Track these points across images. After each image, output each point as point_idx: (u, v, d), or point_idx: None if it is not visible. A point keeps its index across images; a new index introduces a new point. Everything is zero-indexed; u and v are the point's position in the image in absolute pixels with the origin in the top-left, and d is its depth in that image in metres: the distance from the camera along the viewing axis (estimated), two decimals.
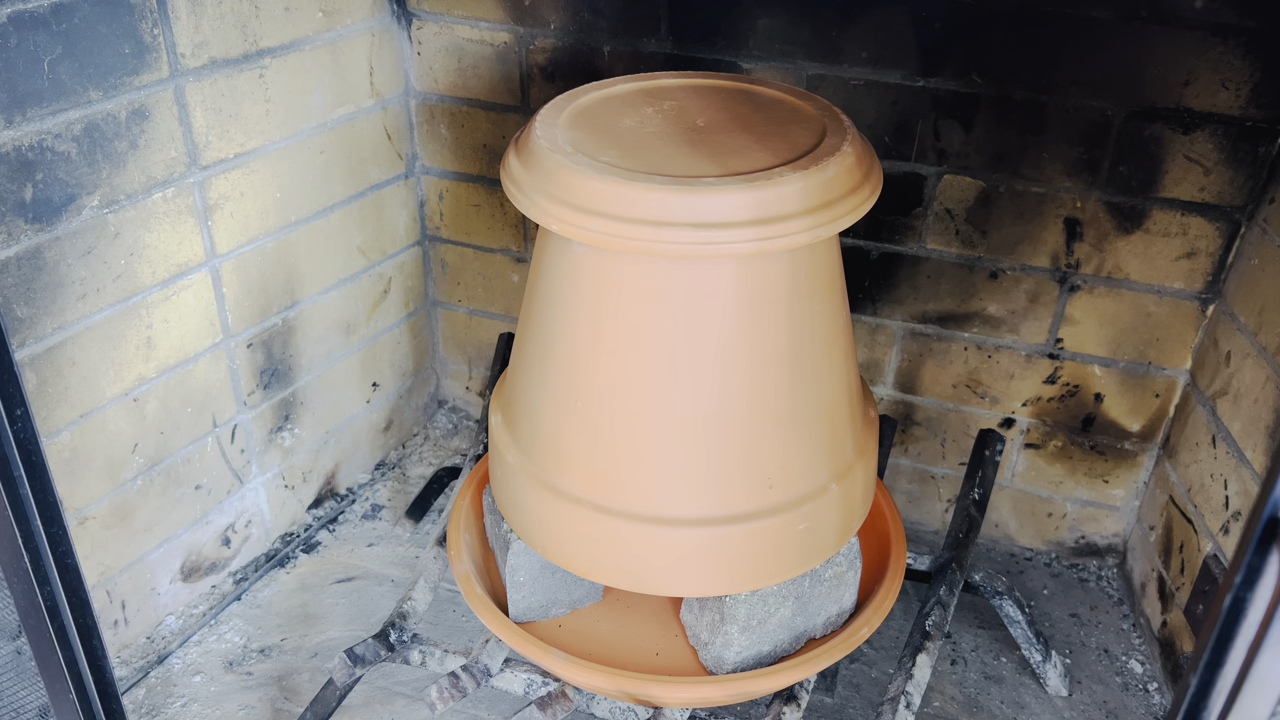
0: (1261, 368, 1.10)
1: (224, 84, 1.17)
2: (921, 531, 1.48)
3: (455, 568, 1.07)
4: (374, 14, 1.36)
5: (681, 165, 0.82)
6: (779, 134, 0.88)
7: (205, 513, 1.30)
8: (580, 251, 0.84)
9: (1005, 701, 1.23)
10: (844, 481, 0.94)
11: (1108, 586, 1.40)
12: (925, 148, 1.23)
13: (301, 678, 1.24)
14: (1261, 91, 1.08)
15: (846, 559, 1.01)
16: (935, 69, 1.18)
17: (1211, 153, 1.12)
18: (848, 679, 1.25)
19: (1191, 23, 1.07)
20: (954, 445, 1.41)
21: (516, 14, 1.33)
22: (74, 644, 0.79)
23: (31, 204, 1.00)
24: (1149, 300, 1.23)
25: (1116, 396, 1.30)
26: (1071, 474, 1.37)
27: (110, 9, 1.02)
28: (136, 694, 1.21)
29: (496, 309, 1.58)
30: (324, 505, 1.50)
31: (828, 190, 0.80)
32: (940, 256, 1.29)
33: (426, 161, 1.50)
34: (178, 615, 1.30)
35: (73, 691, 0.81)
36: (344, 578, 1.40)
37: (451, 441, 1.66)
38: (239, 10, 1.16)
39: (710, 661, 0.99)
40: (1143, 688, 1.25)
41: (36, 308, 1.03)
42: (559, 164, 0.81)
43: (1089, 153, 1.17)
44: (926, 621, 1.06)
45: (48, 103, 0.99)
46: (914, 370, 1.37)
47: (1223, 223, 1.16)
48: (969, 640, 1.31)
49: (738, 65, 1.26)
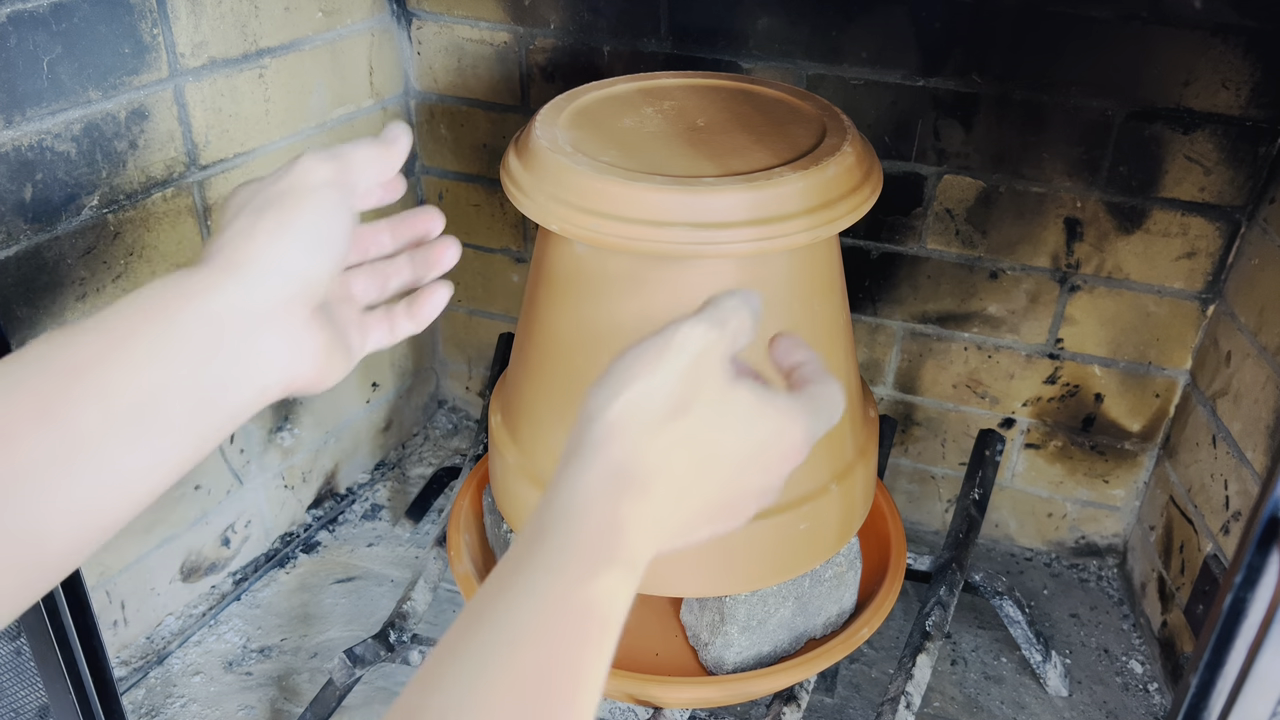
0: (1262, 368, 1.10)
1: (223, 84, 1.17)
2: (921, 531, 1.48)
3: (455, 568, 1.07)
4: (374, 14, 1.36)
5: (681, 165, 0.82)
6: (779, 134, 0.88)
7: (205, 513, 1.30)
8: (580, 251, 0.84)
9: (1005, 702, 1.23)
10: (844, 482, 0.94)
11: (1108, 587, 1.40)
12: (925, 147, 1.23)
13: (301, 678, 1.24)
14: (1262, 91, 1.07)
15: (847, 559, 1.01)
16: (935, 69, 1.18)
17: (1212, 152, 1.12)
18: (848, 679, 1.25)
19: (1192, 23, 1.07)
20: (954, 445, 1.41)
21: (516, 14, 1.33)
22: (73, 644, 0.79)
23: (31, 204, 1.00)
24: (1149, 300, 1.23)
25: (1117, 396, 1.30)
26: (1072, 474, 1.37)
27: (110, 9, 1.02)
28: (136, 694, 1.21)
29: (496, 309, 1.58)
30: (324, 505, 1.50)
31: (828, 190, 0.80)
32: (940, 256, 1.28)
33: (426, 161, 1.49)
34: (177, 615, 1.30)
35: (72, 692, 0.81)
36: (344, 578, 1.40)
37: (451, 441, 1.66)
38: (238, 10, 1.16)
39: (710, 662, 0.99)
40: (1143, 688, 1.25)
41: (36, 308, 1.03)
42: (559, 164, 0.81)
43: (1089, 153, 1.17)
44: (927, 622, 1.06)
45: (47, 103, 0.99)
46: (914, 370, 1.37)
47: (1223, 222, 1.16)
48: (969, 640, 1.31)
49: (738, 65, 1.26)
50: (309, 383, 0.53)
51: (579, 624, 0.42)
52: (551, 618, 0.41)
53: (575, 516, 0.45)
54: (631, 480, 0.46)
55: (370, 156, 0.56)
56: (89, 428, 0.43)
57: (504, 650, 0.40)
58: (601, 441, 0.47)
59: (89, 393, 0.43)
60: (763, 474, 0.50)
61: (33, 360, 0.44)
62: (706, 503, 0.48)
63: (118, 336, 0.45)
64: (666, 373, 0.48)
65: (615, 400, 0.48)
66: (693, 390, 0.48)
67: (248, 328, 0.48)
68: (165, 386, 0.45)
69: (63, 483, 0.43)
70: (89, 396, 0.43)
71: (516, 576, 0.43)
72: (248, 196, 0.52)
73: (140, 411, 0.45)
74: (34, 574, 0.43)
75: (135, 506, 0.46)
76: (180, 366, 0.46)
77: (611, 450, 0.47)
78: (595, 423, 0.48)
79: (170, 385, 0.46)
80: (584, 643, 0.42)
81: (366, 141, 0.57)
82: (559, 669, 0.41)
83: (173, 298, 0.47)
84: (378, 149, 0.57)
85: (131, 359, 0.45)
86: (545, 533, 0.44)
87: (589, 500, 0.45)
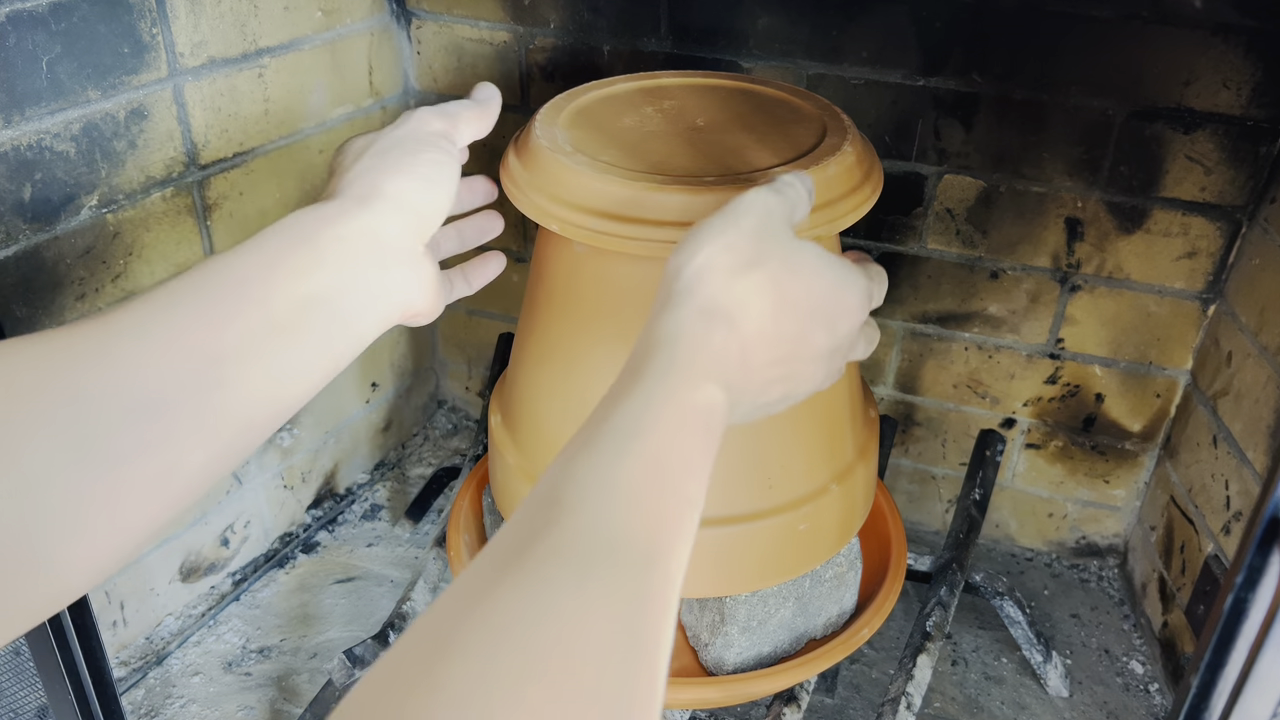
0: (1262, 368, 1.09)
1: (223, 83, 1.17)
2: (922, 532, 1.48)
3: (455, 568, 1.06)
4: (373, 13, 1.36)
5: (682, 164, 0.81)
6: (779, 133, 0.87)
7: (204, 513, 1.30)
8: (580, 251, 0.84)
9: (1006, 702, 1.23)
10: (845, 482, 0.94)
11: (1108, 587, 1.40)
12: (926, 147, 1.23)
13: (300, 678, 1.24)
14: (1262, 91, 1.07)
15: (847, 560, 1.01)
16: (936, 68, 1.18)
17: (1212, 152, 1.12)
18: (848, 680, 1.24)
19: (1192, 22, 1.06)
20: (954, 445, 1.41)
21: (516, 13, 1.33)
22: (73, 645, 0.79)
23: (30, 203, 1.00)
24: (1150, 300, 1.22)
25: (1117, 397, 1.30)
26: (1072, 474, 1.37)
27: (109, 8, 1.02)
28: (135, 695, 1.21)
29: (496, 309, 1.58)
30: (323, 505, 1.50)
31: (828, 190, 0.80)
32: (941, 256, 1.28)
33: None
34: (176, 616, 1.30)
35: (71, 692, 0.81)
36: (343, 578, 1.40)
37: (451, 442, 1.66)
38: (238, 10, 1.16)
39: (710, 662, 0.99)
40: (1144, 688, 1.25)
41: (35, 308, 1.03)
42: (559, 163, 0.81)
43: (1090, 152, 1.16)
44: (927, 622, 1.06)
45: (46, 102, 0.99)
46: (914, 370, 1.37)
47: (1224, 222, 1.15)
48: (970, 641, 1.31)
49: (738, 64, 1.26)
50: (420, 311, 0.60)
51: (687, 422, 0.48)
52: (664, 415, 0.47)
53: (676, 344, 0.50)
54: (722, 315, 0.51)
55: (472, 115, 0.66)
56: (255, 331, 0.48)
57: (627, 440, 0.45)
58: (689, 288, 0.52)
59: (253, 301, 0.49)
60: (829, 329, 0.56)
61: (208, 272, 0.49)
62: (784, 346, 0.54)
63: (271, 256, 0.51)
64: (739, 230, 0.54)
65: (697, 254, 0.53)
66: (765, 244, 0.54)
67: (376, 254, 0.54)
68: (312, 301, 0.51)
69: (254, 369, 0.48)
70: (253, 304, 0.49)
71: (631, 388, 0.48)
72: (365, 144, 0.59)
73: (293, 322, 0.50)
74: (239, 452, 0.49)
75: (274, 420, 0.51)
76: (322, 283, 0.52)
77: (700, 293, 0.52)
78: (682, 274, 0.53)
79: (315, 300, 0.51)
80: (692, 437, 0.48)
81: (468, 101, 0.66)
82: (674, 457, 0.46)
83: (311, 222, 0.53)
84: (477, 108, 0.66)
85: (284, 275, 0.50)
86: (651, 356, 0.50)
87: (685, 332, 0.51)
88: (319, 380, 0.52)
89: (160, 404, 0.44)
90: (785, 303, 0.53)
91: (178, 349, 0.46)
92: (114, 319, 0.46)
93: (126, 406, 0.43)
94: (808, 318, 0.55)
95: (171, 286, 0.48)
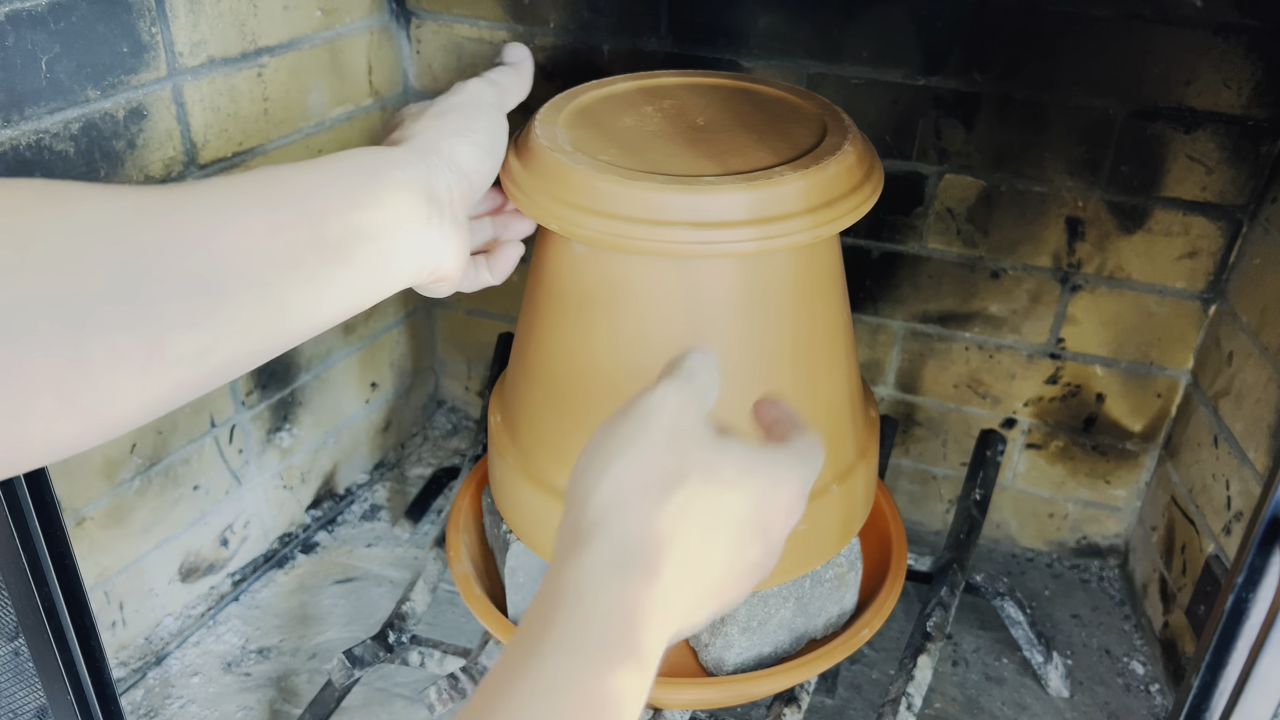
0: (1263, 368, 1.09)
1: (222, 83, 1.16)
2: (922, 532, 1.48)
3: (454, 568, 1.06)
4: (373, 13, 1.36)
5: (682, 164, 0.81)
6: (780, 133, 0.87)
7: (203, 513, 1.30)
8: (580, 251, 0.84)
9: (1006, 703, 1.23)
10: (845, 482, 0.94)
11: (1109, 587, 1.40)
12: (926, 147, 1.22)
13: (300, 679, 1.24)
14: (1263, 91, 1.07)
15: (847, 560, 1.01)
16: (936, 68, 1.18)
17: (1213, 152, 1.12)
18: (848, 680, 1.24)
19: (1193, 22, 1.06)
20: (955, 445, 1.41)
21: (515, 12, 1.33)
22: (72, 645, 0.79)
23: None
24: (1151, 300, 1.22)
25: (1118, 397, 1.29)
26: (1073, 474, 1.37)
27: (108, 8, 1.02)
28: (135, 695, 1.21)
29: (495, 309, 1.58)
30: (322, 506, 1.50)
31: (829, 189, 0.80)
32: (941, 256, 1.28)
33: None
34: (176, 616, 1.30)
35: (71, 693, 0.81)
36: (343, 578, 1.39)
37: (450, 442, 1.66)
38: (237, 9, 1.16)
39: (710, 663, 0.99)
40: (1144, 689, 1.25)
41: None
42: (558, 163, 0.81)
43: (1090, 152, 1.16)
44: (928, 622, 1.06)
45: (45, 102, 0.99)
46: (915, 370, 1.37)
47: (1224, 222, 1.15)
48: (970, 641, 1.31)
49: (738, 64, 1.26)
50: (447, 275, 0.61)
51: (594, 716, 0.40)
52: (565, 706, 0.40)
53: (582, 601, 0.43)
54: (638, 563, 0.44)
55: (513, 82, 0.67)
56: (306, 243, 0.49)
57: None
58: (600, 521, 0.45)
59: (309, 216, 0.50)
60: (764, 538, 0.49)
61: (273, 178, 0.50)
62: (713, 575, 0.47)
63: (332, 178, 0.52)
64: (648, 440, 0.47)
65: (604, 477, 0.46)
66: (680, 454, 0.46)
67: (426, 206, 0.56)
68: (362, 231, 0.52)
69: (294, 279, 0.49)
70: (309, 218, 0.50)
71: (529, 668, 0.41)
72: (422, 108, 0.63)
73: (340, 246, 0.51)
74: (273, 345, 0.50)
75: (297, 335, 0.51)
76: (375, 218, 0.53)
77: (612, 531, 0.44)
78: (589, 502, 0.46)
79: (365, 231, 0.52)
80: None
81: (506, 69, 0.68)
82: None
83: (374, 160, 0.55)
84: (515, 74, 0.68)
85: (341, 200, 0.52)
86: (555, 615, 0.42)
87: (597, 585, 0.43)
88: (343, 310, 0.53)
89: (209, 286, 0.45)
90: (712, 525, 0.46)
91: (233, 242, 0.47)
92: (181, 196, 0.47)
93: (178, 278, 0.44)
94: (737, 534, 0.47)
95: (235, 182, 0.49)
